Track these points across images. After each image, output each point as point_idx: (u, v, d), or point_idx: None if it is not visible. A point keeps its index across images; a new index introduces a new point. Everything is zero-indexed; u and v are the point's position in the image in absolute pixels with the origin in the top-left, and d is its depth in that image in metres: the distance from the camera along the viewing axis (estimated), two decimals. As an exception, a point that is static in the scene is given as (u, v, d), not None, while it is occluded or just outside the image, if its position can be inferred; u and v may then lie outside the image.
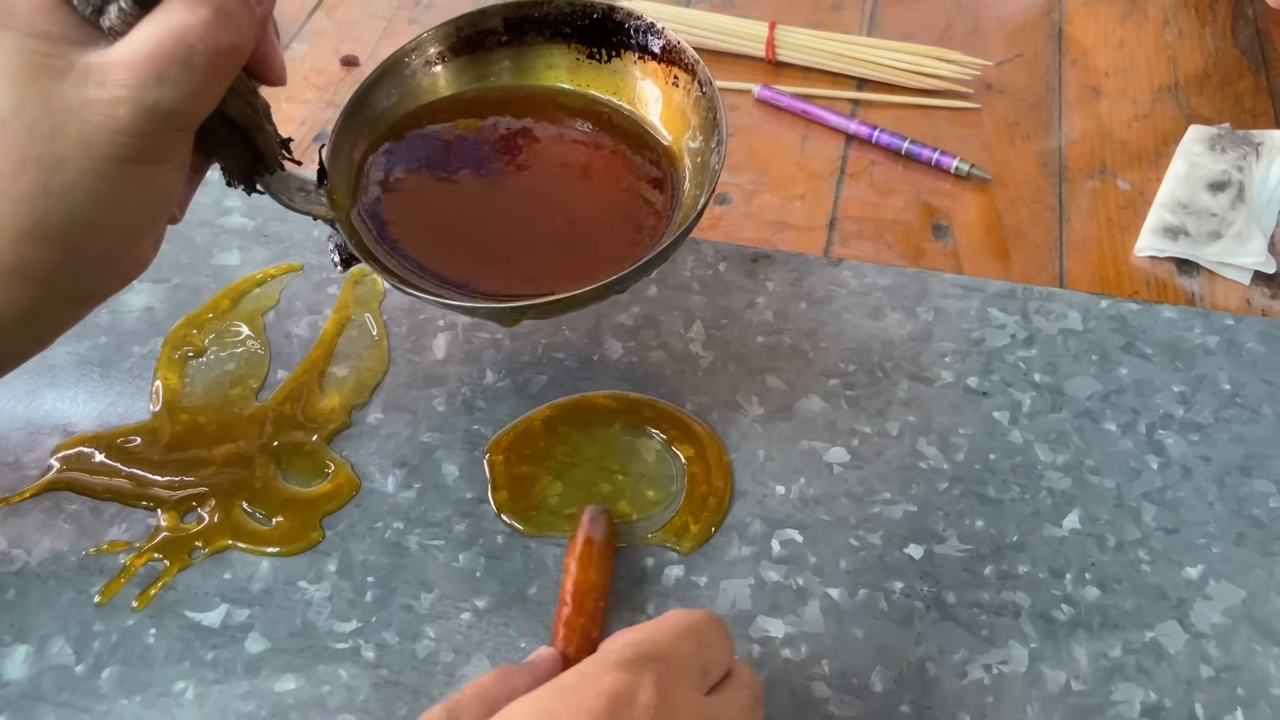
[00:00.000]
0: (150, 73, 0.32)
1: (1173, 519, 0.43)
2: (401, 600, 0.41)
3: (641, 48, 0.46)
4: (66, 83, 0.32)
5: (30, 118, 0.32)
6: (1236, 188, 0.54)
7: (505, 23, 0.46)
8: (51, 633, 0.40)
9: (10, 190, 0.33)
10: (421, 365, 0.48)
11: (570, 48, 0.47)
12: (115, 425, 0.46)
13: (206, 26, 0.32)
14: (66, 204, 0.33)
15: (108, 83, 0.32)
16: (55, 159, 0.32)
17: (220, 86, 0.34)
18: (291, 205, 0.40)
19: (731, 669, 0.35)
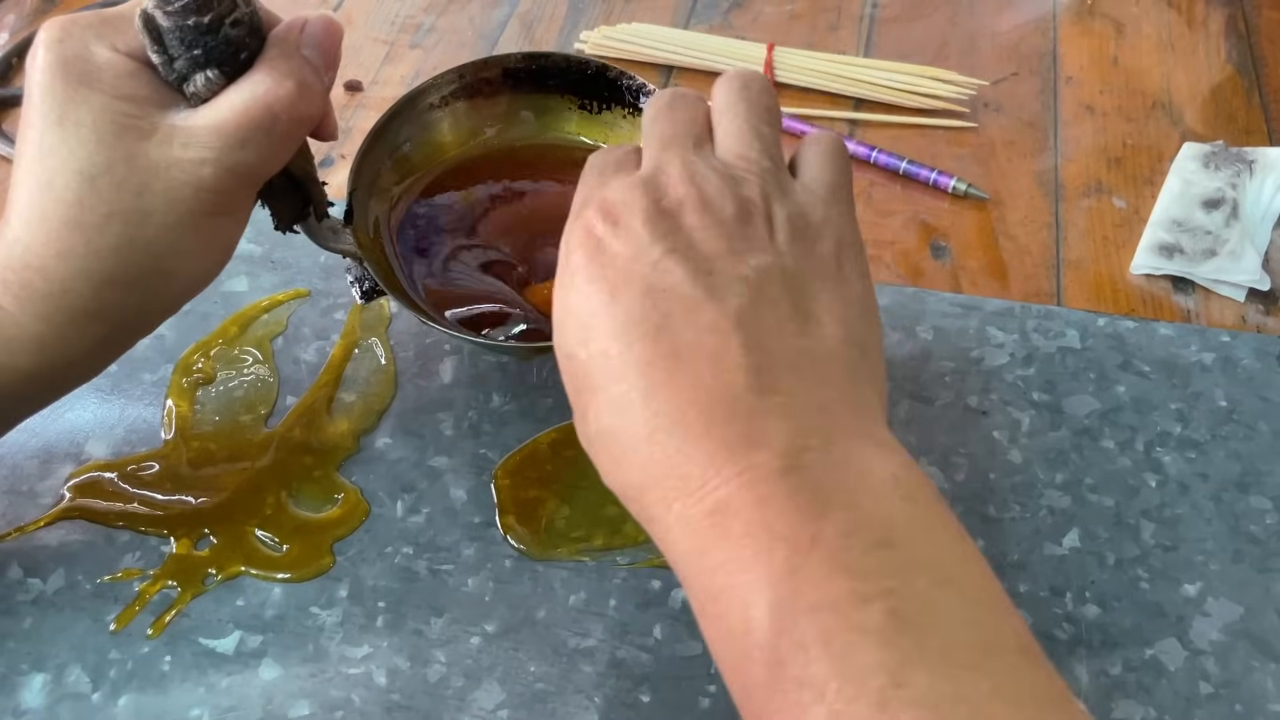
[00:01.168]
0: (236, 137, 0.35)
1: (1171, 536, 0.44)
2: (412, 625, 0.42)
3: (632, 104, 0.49)
4: (151, 143, 0.35)
5: (119, 175, 0.35)
6: (1230, 205, 0.55)
7: (504, 73, 0.49)
8: (68, 661, 0.41)
9: (96, 241, 0.35)
10: (428, 390, 0.49)
11: (563, 98, 0.50)
12: (128, 453, 0.47)
13: (291, 97, 0.36)
14: (148, 254, 0.36)
15: (193, 144, 0.35)
16: (141, 213, 0.35)
17: (292, 148, 0.38)
18: (325, 244, 0.44)
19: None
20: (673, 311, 0.29)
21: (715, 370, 0.28)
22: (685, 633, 0.41)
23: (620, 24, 0.66)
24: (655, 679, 0.40)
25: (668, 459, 0.28)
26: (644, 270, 0.30)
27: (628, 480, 0.29)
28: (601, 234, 0.31)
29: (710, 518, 0.27)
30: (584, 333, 0.30)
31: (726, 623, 0.26)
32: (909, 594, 0.25)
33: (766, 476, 0.27)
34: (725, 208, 0.31)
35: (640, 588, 0.43)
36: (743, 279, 0.30)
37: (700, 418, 0.28)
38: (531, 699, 0.40)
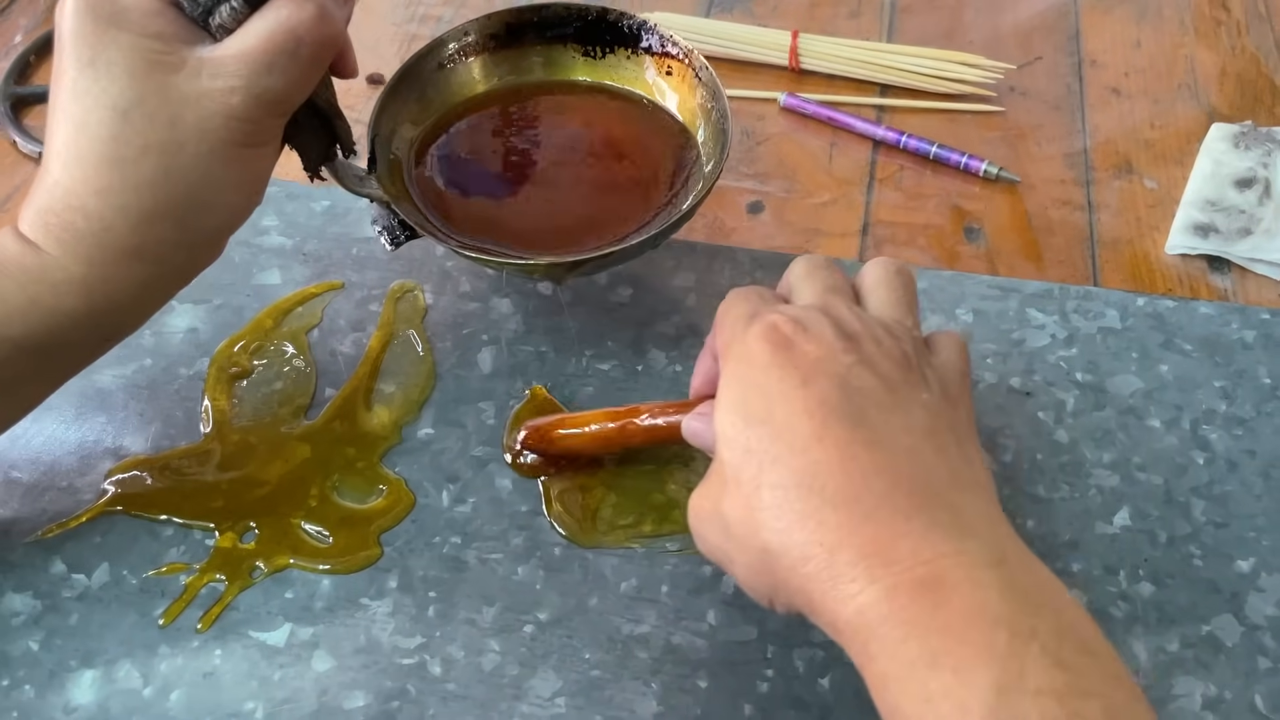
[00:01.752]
0: (263, 63, 0.36)
1: (1222, 513, 0.43)
2: (464, 614, 0.41)
3: (633, 43, 0.52)
4: (181, 76, 0.36)
5: (150, 108, 0.36)
6: (1263, 184, 0.55)
7: (507, 27, 0.53)
8: (117, 657, 0.40)
9: (133, 175, 0.36)
10: (468, 380, 0.48)
11: (567, 47, 0.53)
12: (167, 447, 0.46)
13: (313, 20, 0.37)
14: (184, 186, 0.37)
15: (222, 74, 0.36)
16: (175, 144, 0.36)
17: (317, 75, 0.39)
18: (352, 188, 0.45)
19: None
20: (867, 409, 0.32)
21: (914, 464, 0.31)
22: (739, 617, 0.41)
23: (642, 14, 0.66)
24: (712, 664, 0.40)
25: (872, 528, 0.30)
26: (838, 370, 0.33)
27: (811, 540, 0.30)
28: (790, 334, 0.34)
29: (924, 589, 0.29)
30: (767, 406, 0.33)
31: (936, 688, 0.28)
32: (1118, 700, 0.27)
33: (982, 563, 0.29)
34: (893, 350, 0.34)
35: (692, 573, 0.42)
36: (922, 404, 0.33)
37: (910, 499, 0.30)
38: (588, 686, 0.39)
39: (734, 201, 0.57)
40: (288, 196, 0.56)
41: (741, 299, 0.37)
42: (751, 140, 0.60)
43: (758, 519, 0.32)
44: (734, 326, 0.35)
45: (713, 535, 0.34)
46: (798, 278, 0.38)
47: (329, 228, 0.55)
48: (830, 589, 0.30)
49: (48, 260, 0.37)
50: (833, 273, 0.38)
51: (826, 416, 0.32)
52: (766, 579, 0.32)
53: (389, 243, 0.47)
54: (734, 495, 0.33)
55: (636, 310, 0.51)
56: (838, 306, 0.36)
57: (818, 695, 0.39)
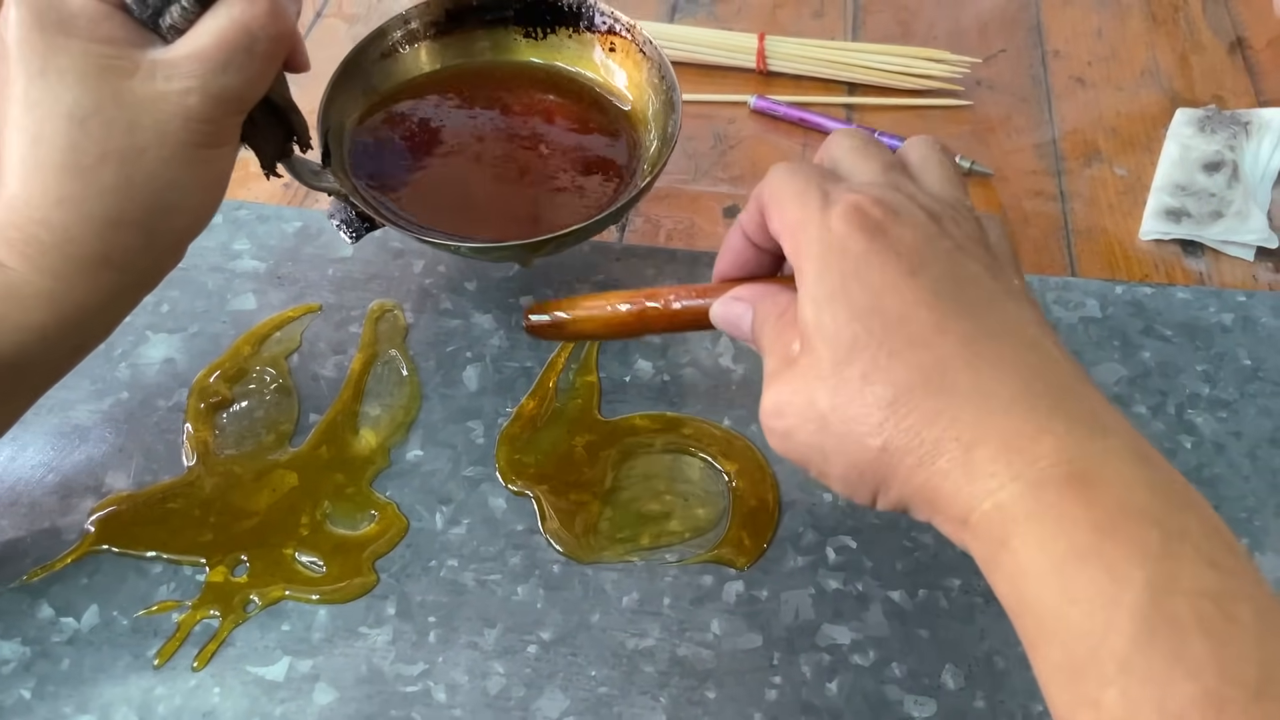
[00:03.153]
0: (218, 61, 0.36)
1: (1212, 495, 0.44)
2: (465, 638, 0.41)
3: (574, 21, 0.53)
4: (135, 80, 0.36)
5: (107, 114, 0.35)
6: (1231, 167, 0.55)
7: (447, 13, 0.53)
8: (113, 700, 0.39)
9: (94, 184, 0.36)
10: (455, 399, 0.48)
11: (508, 30, 0.53)
12: (149, 481, 0.45)
13: (266, 15, 0.36)
14: (147, 191, 0.36)
15: (176, 75, 0.36)
16: (134, 150, 0.36)
17: (273, 70, 0.38)
18: (309, 183, 0.45)
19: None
20: (979, 298, 0.31)
21: (1041, 358, 0.30)
22: (743, 626, 0.41)
23: None
24: (718, 674, 0.40)
25: (1014, 422, 0.29)
26: (940, 256, 0.31)
27: (947, 435, 0.29)
28: (881, 218, 0.31)
29: (1073, 483, 0.27)
30: (874, 300, 0.31)
31: (1083, 585, 0.26)
32: (1265, 600, 0.26)
33: (1129, 460, 0.28)
34: (975, 234, 0.33)
35: (692, 584, 0.42)
36: (1021, 294, 0.32)
37: (1047, 394, 0.29)
38: (596, 703, 0.39)
39: (710, 206, 0.57)
40: (259, 219, 0.55)
41: (798, 175, 0.34)
42: (724, 144, 0.60)
43: (874, 417, 0.30)
44: (803, 206, 0.33)
45: (804, 434, 0.32)
46: (847, 153, 0.36)
47: (303, 249, 0.54)
48: (965, 484, 0.29)
49: (12, 276, 0.36)
50: (883, 150, 0.36)
51: (943, 308, 0.30)
52: (875, 476, 0.31)
53: (348, 236, 0.47)
54: (839, 391, 0.31)
55: (620, 320, 0.50)
56: (904, 184, 0.34)
57: (826, 700, 0.39)
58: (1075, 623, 0.26)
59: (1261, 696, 0.24)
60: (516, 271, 0.53)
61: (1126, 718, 0.25)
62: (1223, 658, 0.25)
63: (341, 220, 0.47)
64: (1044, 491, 0.27)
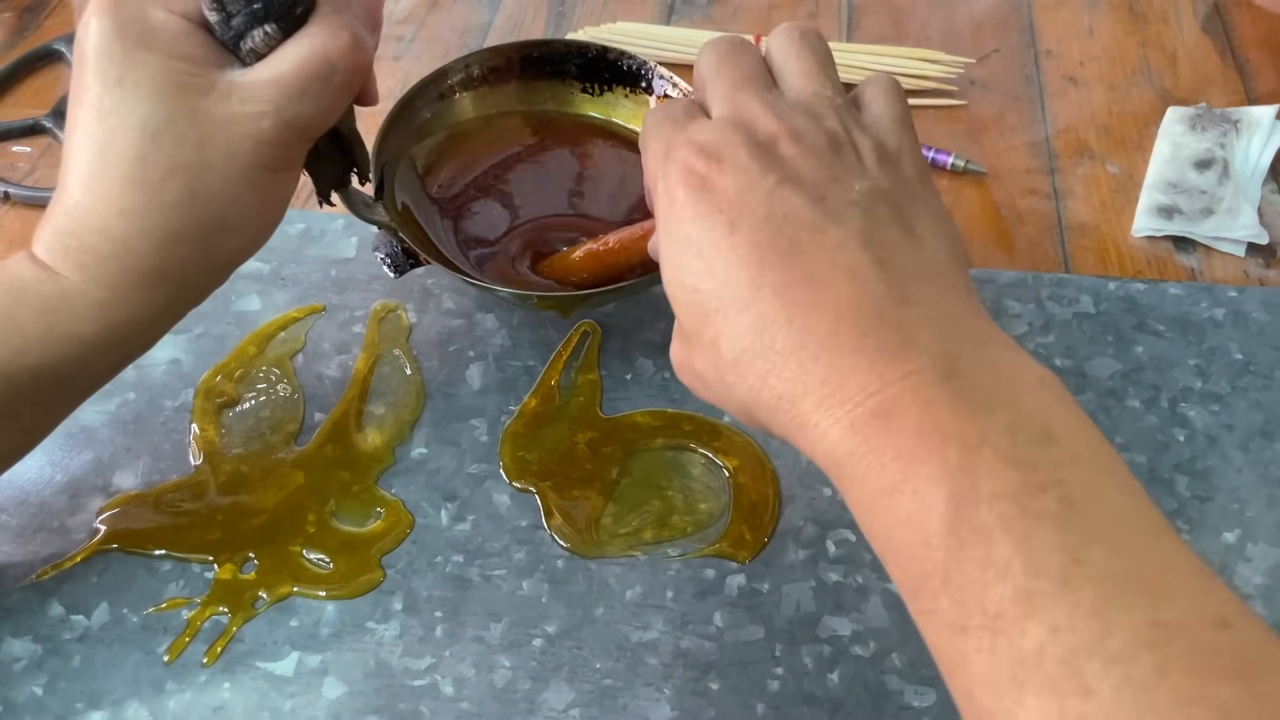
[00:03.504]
0: (295, 89, 0.36)
1: (1205, 487, 0.45)
2: (472, 632, 0.41)
3: (633, 82, 0.52)
4: (211, 98, 0.36)
5: (180, 129, 0.36)
6: (1221, 165, 0.56)
7: (507, 61, 0.52)
8: (124, 697, 0.40)
9: (159, 197, 0.36)
10: (459, 398, 0.48)
11: (565, 83, 0.53)
12: (157, 481, 0.46)
13: (348, 48, 0.37)
14: (210, 208, 0.37)
15: (252, 98, 0.36)
16: (202, 167, 0.36)
17: (346, 102, 0.39)
18: (361, 215, 0.45)
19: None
20: (798, 236, 0.31)
21: (854, 287, 0.30)
22: (745, 618, 0.41)
23: (605, 24, 0.66)
24: (721, 666, 0.40)
25: (823, 370, 0.29)
26: (760, 199, 0.31)
27: (776, 394, 0.30)
28: (705, 171, 0.32)
29: (877, 419, 0.28)
30: (705, 264, 0.31)
31: (900, 512, 0.28)
32: (1076, 483, 0.26)
33: (930, 380, 0.28)
34: (817, 139, 0.33)
35: (695, 578, 0.43)
36: (853, 203, 0.32)
37: (852, 330, 0.29)
38: (601, 695, 0.40)
39: (708, 206, 0.57)
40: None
41: (656, 122, 0.35)
42: (721, 144, 0.60)
43: (727, 380, 0.32)
44: (653, 165, 0.34)
45: (700, 388, 0.34)
46: (707, 72, 0.36)
47: (306, 250, 0.54)
48: (802, 435, 0.30)
49: (66, 285, 0.36)
50: (741, 59, 0.35)
51: (760, 260, 0.30)
52: (756, 424, 0.32)
53: (392, 270, 0.47)
54: (701, 355, 0.32)
55: (622, 319, 0.51)
56: (749, 106, 0.33)
57: (828, 690, 0.40)
58: (900, 548, 0.28)
59: (1068, 583, 0.25)
60: (518, 271, 0.53)
61: (957, 622, 0.26)
62: (1027, 552, 0.25)
63: (386, 254, 0.47)
64: (856, 433, 0.28)
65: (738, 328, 0.31)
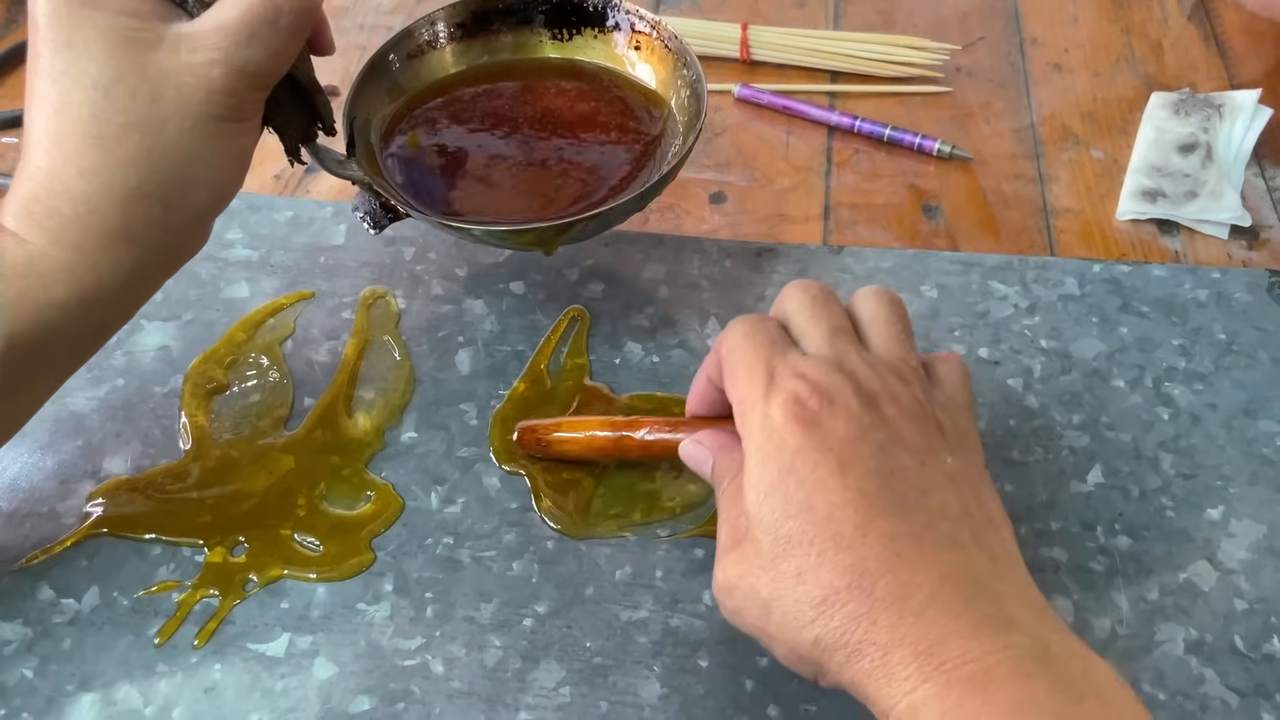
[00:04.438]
0: (242, 34, 0.37)
1: (1189, 465, 0.45)
2: (462, 613, 0.41)
3: (600, 22, 0.53)
4: (160, 51, 0.36)
5: (131, 85, 0.36)
6: (1205, 148, 0.57)
7: (473, 15, 0.53)
8: (115, 678, 0.40)
9: (116, 154, 0.36)
10: (448, 382, 0.49)
11: (534, 31, 0.54)
12: (148, 467, 0.46)
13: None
14: (168, 162, 0.37)
15: (201, 47, 0.36)
16: (157, 121, 0.36)
17: (297, 46, 0.39)
18: (333, 171, 0.45)
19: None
20: (906, 494, 0.32)
21: (957, 555, 0.32)
22: (734, 597, 0.42)
23: None
24: (710, 643, 0.40)
25: (924, 626, 0.30)
26: (871, 450, 0.33)
27: (866, 640, 0.31)
28: (816, 409, 0.33)
29: (974, 685, 0.29)
30: (805, 496, 0.32)
31: None
32: None
33: (1028, 657, 0.30)
34: (909, 406, 0.34)
35: (685, 557, 0.43)
36: (948, 475, 0.34)
37: (956, 595, 0.31)
38: (591, 674, 0.40)
39: (696, 193, 0.58)
40: (250, 208, 0.56)
41: (750, 342, 0.36)
42: (710, 132, 0.61)
43: (806, 613, 0.32)
44: (749, 385, 0.35)
45: (750, 616, 0.34)
46: (798, 311, 0.37)
47: (294, 237, 0.54)
48: (884, 685, 0.30)
49: (34, 250, 0.36)
50: (832, 309, 0.37)
51: (869, 508, 0.32)
52: (813, 663, 0.32)
53: (371, 226, 0.47)
54: (776, 584, 0.32)
55: (610, 305, 0.51)
56: (850, 357, 0.35)
57: (817, 667, 0.40)
58: None
59: None
60: (507, 257, 0.53)
61: None
62: None
63: (365, 211, 0.47)
64: (950, 692, 0.29)
65: (835, 565, 0.31)
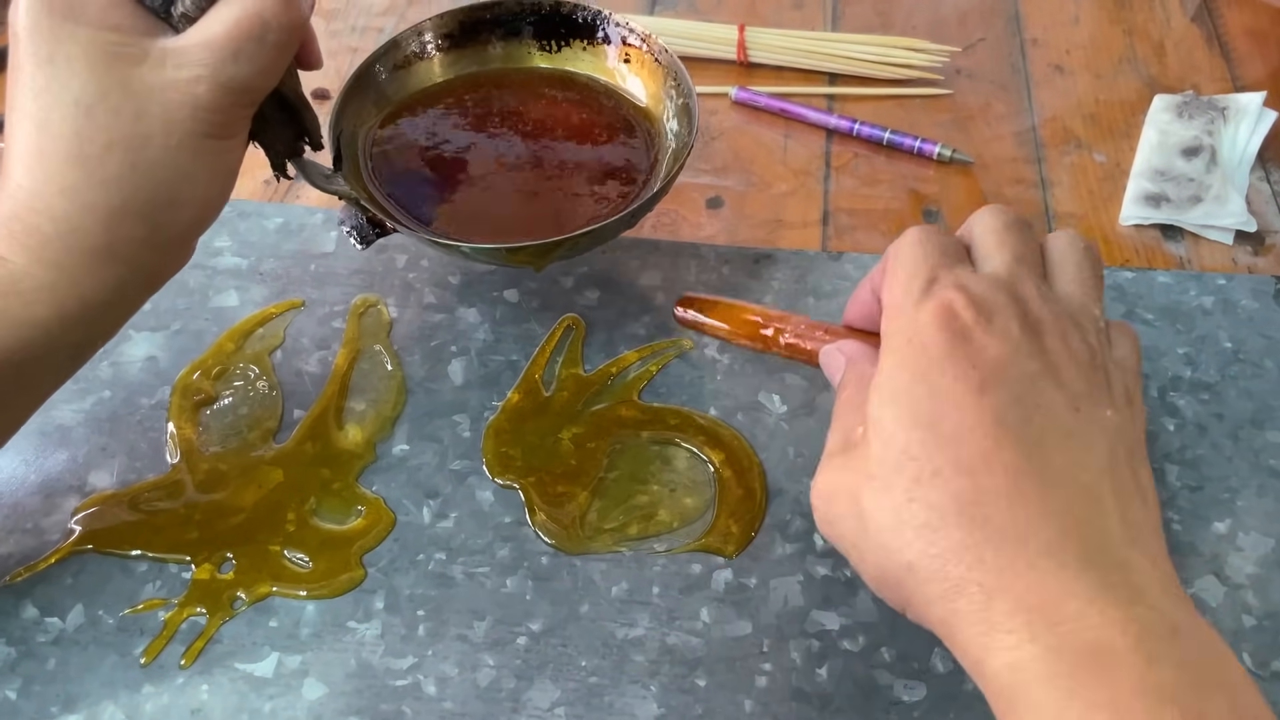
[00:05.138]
0: (229, 50, 0.36)
1: (1196, 477, 0.44)
2: (455, 631, 0.41)
3: (589, 34, 0.52)
4: (144, 67, 0.35)
5: (114, 102, 0.35)
6: (1209, 152, 0.56)
7: (461, 25, 0.52)
8: (100, 699, 0.39)
9: (99, 172, 0.35)
10: (440, 393, 0.48)
11: (523, 43, 0.53)
12: (133, 480, 0.45)
13: (279, 5, 0.36)
14: (152, 180, 0.36)
15: (186, 63, 0.35)
16: (141, 138, 0.35)
17: (284, 62, 0.38)
18: (319, 186, 0.45)
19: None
20: (1046, 433, 0.30)
21: (1089, 509, 0.29)
22: (733, 614, 0.41)
23: (588, 13, 0.66)
24: (709, 662, 0.40)
25: (1036, 577, 0.28)
26: (1018, 377, 0.30)
27: (968, 578, 0.29)
28: (969, 322, 0.31)
29: (1093, 657, 0.27)
30: (934, 408, 0.30)
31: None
32: None
33: (1155, 634, 0.27)
34: (1080, 349, 0.32)
35: (681, 573, 0.42)
36: (1104, 430, 0.31)
37: (1081, 552, 0.28)
38: (587, 693, 0.39)
39: (693, 198, 0.57)
40: (239, 215, 0.55)
41: (920, 249, 0.34)
42: (706, 136, 0.60)
43: (906, 534, 0.30)
44: (906, 289, 0.33)
45: (845, 527, 0.32)
46: (985, 233, 0.35)
47: (284, 245, 0.54)
48: (981, 634, 0.28)
49: (14, 269, 0.35)
50: (1024, 239, 0.35)
51: (1001, 437, 0.29)
52: (901, 591, 0.31)
53: (359, 241, 0.46)
54: (881, 497, 0.30)
55: (606, 312, 0.50)
56: (1025, 284, 0.33)
57: (817, 685, 0.39)
58: None
59: None
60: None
61: None
62: None
63: (352, 226, 0.46)
64: (1060, 660, 0.27)
65: (951, 488, 0.29)
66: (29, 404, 0.39)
